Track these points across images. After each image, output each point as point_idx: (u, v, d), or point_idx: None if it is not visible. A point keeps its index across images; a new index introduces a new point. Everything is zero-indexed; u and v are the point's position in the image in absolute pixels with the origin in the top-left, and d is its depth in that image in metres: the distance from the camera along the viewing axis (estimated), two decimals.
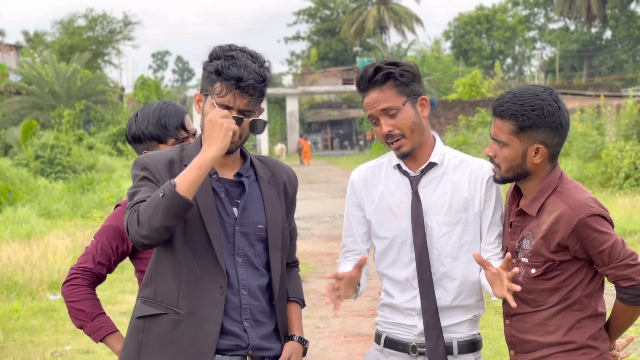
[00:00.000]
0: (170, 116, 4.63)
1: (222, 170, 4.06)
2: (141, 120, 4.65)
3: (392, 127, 4.22)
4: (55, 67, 49.94)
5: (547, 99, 4.10)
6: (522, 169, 4.15)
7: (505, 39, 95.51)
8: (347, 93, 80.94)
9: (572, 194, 4.13)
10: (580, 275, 4.17)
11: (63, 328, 11.38)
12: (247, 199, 4.06)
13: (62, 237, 17.50)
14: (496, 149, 4.17)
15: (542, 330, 4.19)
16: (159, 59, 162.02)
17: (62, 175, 32.58)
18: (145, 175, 3.92)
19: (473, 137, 37.45)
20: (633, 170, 24.84)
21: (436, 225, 4.30)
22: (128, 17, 68.64)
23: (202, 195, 3.92)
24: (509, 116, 4.09)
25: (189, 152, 4.02)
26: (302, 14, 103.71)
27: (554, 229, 4.09)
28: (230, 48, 4.02)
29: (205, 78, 3.97)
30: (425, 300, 4.29)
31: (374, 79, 4.22)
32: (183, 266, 3.93)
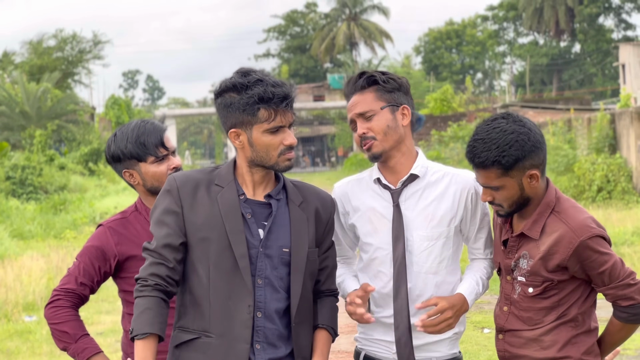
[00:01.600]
0: (149, 134, 4.60)
1: (253, 191, 4.05)
2: (120, 140, 4.62)
3: (367, 129, 4.25)
4: (25, 87, 49.65)
5: (515, 130, 4.05)
6: (523, 199, 4.12)
7: (475, 53, 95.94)
8: (318, 110, 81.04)
9: (572, 215, 4.11)
10: (577, 293, 4.16)
11: (39, 350, 11.28)
12: (274, 222, 4.03)
13: (36, 258, 17.39)
14: (492, 194, 4.13)
15: (537, 345, 4.17)
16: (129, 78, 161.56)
17: (34, 195, 32.35)
18: (165, 207, 3.98)
19: (446, 152, 37.56)
20: (605, 183, 24.99)
21: (417, 239, 4.29)
22: (98, 37, 68.42)
23: (230, 216, 3.94)
24: (491, 164, 4.03)
25: (221, 172, 4.06)
26: (272, 31, 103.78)
27: (553, 250, 4.07)
28: (247, 72, 3.99)
29: (241, 112, 3.92)
30: (398, 317, 4.28)
31: (357, 83, 4.28)
32: (211, 288, 3.93)
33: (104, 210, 28.46)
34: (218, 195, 3.97)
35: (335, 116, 79.99)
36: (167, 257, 3.90)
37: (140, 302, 3.86)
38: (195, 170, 4.10)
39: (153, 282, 3.87)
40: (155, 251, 3.91)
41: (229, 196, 3.97)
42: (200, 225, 3.93)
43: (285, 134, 3.96)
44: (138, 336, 3.80)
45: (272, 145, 3.94)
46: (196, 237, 3.93)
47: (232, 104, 3.92)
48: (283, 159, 3.98)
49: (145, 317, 3.83)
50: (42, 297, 14.30)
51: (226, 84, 3.97)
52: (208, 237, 3.92)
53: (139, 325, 3.82)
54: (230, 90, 3.94)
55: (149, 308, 3.85)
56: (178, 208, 3.94)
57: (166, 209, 3.96)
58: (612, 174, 25.13)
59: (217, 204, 3.95)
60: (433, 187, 4.32)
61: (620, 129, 26.50)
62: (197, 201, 3.96)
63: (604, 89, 76.78)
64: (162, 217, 3.95)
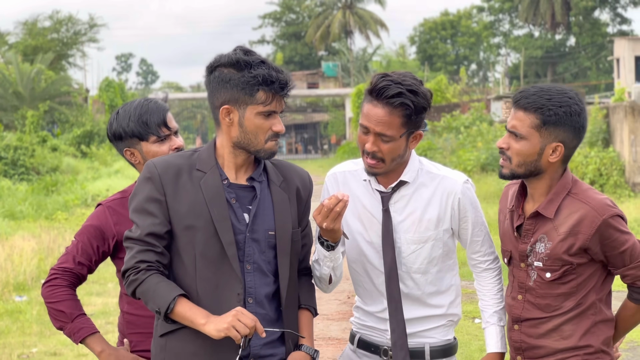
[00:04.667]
0: (152, 113, 4.55)
1: (235, 175, 3.99)
2: (122, 118, 4.58)
3: (378, 150, 4.12)
4: (19, 67, 49.52)
5: (574, 99, 4.03)
6: (535, 166, 4.06)
7: (470, 44, 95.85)
8: (312, 97, 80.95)
9: (591, 195, 4.07)
10: (594, 278, 4.11)
11: (30, 330, 11.29)
12: (259, 205, 3.98)
13: (28, 239, 17.38)
14: (510, 142, 4.06)
15: (557, 335, 4.12)
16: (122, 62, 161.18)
17: (26, 176, 32.31)
18: (147, 195, 3.88)
19: (438, 142, 37.54)
20: (598, 177, 25.02)
21: (405, 243, 4.27)
22: (94, 19, 68.26)
23: (215, 202, 3.88)
24: (535, 109, 3.98)
25: (201, 156, 3.98)
26: (267, 17, 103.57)
27: (575, 230, 4.02)
28: (249, 51, 3.94)
29: (239, 89, 3.86)
30: (394, 320, 4.27)
31: (390, 96, 4.05)
32: (197, 277, 3.86)
33: (96, 193, 28.41)
34: (201, 181, 3.89)
35: (329, 104, 79.98)
36: (154, 243, 3.83)
37: (145, 286, 3.78)
38: (174, 155, 4.02)
39: (145, 266, 3.80)
40: (140, 239, 3.83)
41: (212, 182, 3.90)
42: (185, 213, 3.86)
43: (276, 120, 3.92)
44: (170, 306, 3.72)
45: (263, 128, 3.88)
46: (181, 226, 3.86)
47: (231, 79, 3.86)
48: (270, 144, 3.92)
49: (162, 290, 3.76)
50: (33, 277, 14.30)
51: (227, 59, 3.89)
52: (193, 225, 3.85)
53: (162, 300, 3.74)
54: (230, 65, 3.88)
55: (157, 283, 3.78)
56: (161, 196, 3.86)
57: (148, 197, 3.87)
58: (604, 167, 25.15)
59: (200, 190, 3.88)
60: (422, 191, 4.28)
61: (614, 123, 26.53)
62: (180, 188, 3.88)
63: (598, 82, 76.81)
64: (145, 205, 3.87)
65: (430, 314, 4.32)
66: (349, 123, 69.16)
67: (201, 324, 3.72)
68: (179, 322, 3.81)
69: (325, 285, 4.28)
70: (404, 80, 4.06)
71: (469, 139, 35.59)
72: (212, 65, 3.95)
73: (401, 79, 4.07)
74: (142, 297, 3.81)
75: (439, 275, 4.31)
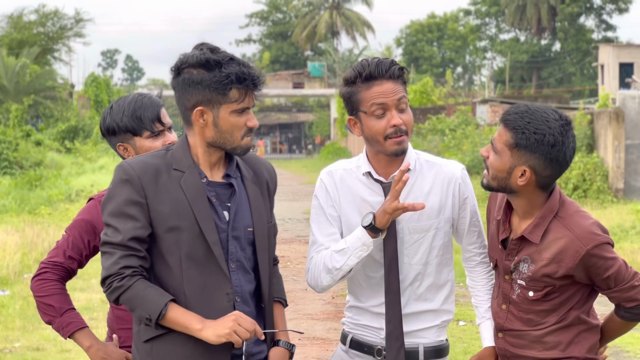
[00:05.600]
0: (146, 108, 4.53)
1: (211, 172, 3.95)
2: (116, 112, 4.55)
3: (402, 123, 4.16)
4: (3, 61, 49.35)
5: (555, 129, 3.95)
6: (505, 184, 4.05)
7: (456, 47, 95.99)
8: (297, 97, 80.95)
9: (576, 221, 4.04)
10: (578, 296, 4.12)
11: (12, 325, 11.25)
12: (238, 202, 3.97)
13: (11, 233, 17.32)
14: (490, 153, 4.09)
15: (540, 346, 4.13)
16: (108, 57, 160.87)
17: (9, 170, 32.21)
18: (126, 198, 3.77)
19: (423, 145, 37.57)
20: (581, 182, 25.11)
21: (407, 232, 4.26)
22: (80, 14, 68.10)
23: (197, 201, 3.82)
24: (512, 128, 3.98)
25: (176, 155, 3.91)
26: (254, 16, 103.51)
27: (558, 258, 4.01)
28: (215, 49, 3.89)
29: (212, 90, 3.80)
30: (391, 310, 4.26)
31: (392, 68, 4.17)
32: (184, 279, 3.81)
33: (80, 188, 28.30)
34: (181, 181, 3.82)
35: (314, 104, 79.98)
36: (137, 247, 3.74)
37: (131, 292, 3.70)
38: (148, 155, 3.92)
39: (130, 272, 3.71)
40: (122, 244, 3.72)
41: (193, 181, 3.84)
42: (168, 214, 3.78)
43: (249, 116, 3.89)
44: (162, 312, 3.69)
45: (237, 125, 3.85)
46: (164, 227, 3.78)
47: (203, 80, 3.79)
48: (246, 140, 3.89)
49: (151, 296, 3.70)
50: (16, 271, 14.25)
51: (196, 59, 3.82)
52: (178, 226, 3.78)
53: (152, 306, 3.69)
54: (199, 66, 3.81)
55: (144, 289, 3.72)
56: (142, 198, 3.77)
57: (128, 199, 3.77)
58: (588, 173, 25.24)
59: (181, 190, 3.81)
60: (422, 180, 4.30)
61: (598, 129, 26.63)
62: (160, 189, 3.80)
63: (582, 88, 77.06)
64: (124, 208, 3.76)
65: (426, 308, 4.31)
66: (333, 123, 69.15)
67: (197, 329, 3.70)
68: (160, 327, 3.76)
69: (333, 279, 4.24)
70: (387, 59, 4.23)
71: (454, 142, 35.64)
72: (178, 66, 3.86)
73: (383, 58, 4.24)
74: (127, 303, 3.74)
75: (438, 268, 4.32)
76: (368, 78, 4.18)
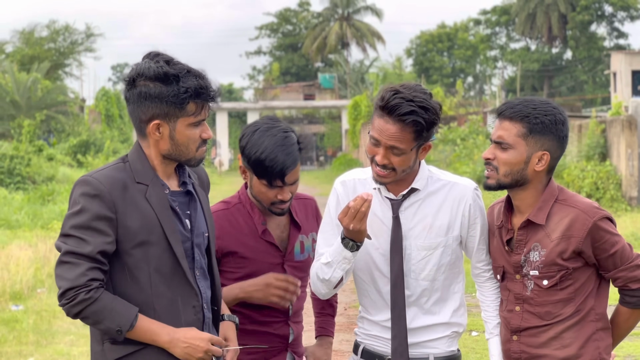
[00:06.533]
0: (276, 164, 4.44)
1: (169, 181, 3.94)
2: (254, 148, 4.43)
3: (389, 162, 4.13)
4: (15, 77, 49.49)
5: (558, 108, 4.09)
6: (521, 176, 4.10)
7: (466, 57, 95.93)
8: (308, 109, 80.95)
9: (578, 199, 4.14)
10: (591, 283, 4.15)
11: (26, 339, 11.26)
12: (196, 209, 3.99)
13: (24, 248, 17.34)
14: (496, 152, 4.12)
15: (558, 344, 4.14)
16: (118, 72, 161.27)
17: (22, 185, 32.24)
18: (95, 213, 3.71)
19: (435, 154, 37.56)
20: (594, 190, 25.03)
21: (415, 249, 4.27)
22: (90, 29, 68.34)
23: (163, 214, 3.81)
24: (521, 118, 4.04)
25: (135, 167, 3.86)
26: (264, 28, 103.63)
27: (567, 234, 4.06)
28: (170, 60, 3.83)
29: (168, 104, 3.76)
30: (396, 327, 4.27)
31: (402, 116, 4.05)
32: (153, 294, 3.79)
33: None
34: (146, 194, 3.80)
35: (325, 115, 79.95)
36: (102, 261, 3.70)
37: (99, 305, 3.65)
38: (110, 169, 3.86)
39: (97, 284, 3.67)
40: (90, 257, 3.66)
41: (157, 193, 3.82)
42: (137, 230, 3.76)
43: (204, 127, 3.88)
44: (133, 322, 3.67)
45: (193, 138, 3.84)
46: (133, 243, 3.76)
47: (160, 94, 3.75)
48: (200, 152, 3.88)
49: (120, 308, 3.68)
50: (29, 286, 14.26)
51: (153, 72, 3.77)
52: (147, 241, 3.77)
53: (122, 317, 3.67)
54: (156, 79, 3.77)
55: (112, 300, 3.69)
56: (112, 214, 3.73)
57: (98, 214, 3.71)
58: (601, 181, 25.18)
59: (148, 203, 3.79)
60: (432, 198, 4.30)
61: (611, 137, 26.55)
62: (128, 204, 3.76)
63: (594, 96, 76.90)
64: (94, 223, 3.70)
65: (434, 322, 4.33)
66: (345, 135, 69.17)
67: (165, 341, 3.71)
68: (132, 343, 3.74)
69: (329, 289, 4.29)
70: (415, 97, 4.06)
71: (465, 152, 35.62)
72: (132, 78, 3.81)
73: (412, 95, 4.06)
74: (93, 316, 3.69)
75: (445, 283, 4.33)
76: (382, 108, 4.12)
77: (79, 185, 3.76)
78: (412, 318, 4.29)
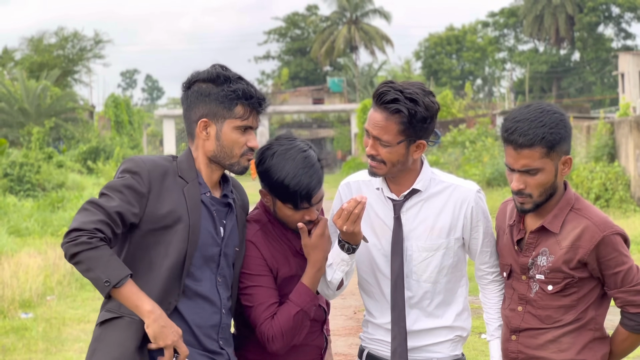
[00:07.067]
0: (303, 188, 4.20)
1: (212, 189, 4.07)
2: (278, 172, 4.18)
3: (377, 153, 4.17)
4: (25, 84, 49.59)
5: (558, 111, 4.06)
6: (553, 188, 4.10)
7: (475, 59, 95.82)
8: (317, 113, 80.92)
9: (593, 211, 4.12)
10: (594, 294, 4.15)
11: (35, 347, 11.27)
12: (233, 221, 4.10)
13: (34, 255, 17.35)
14: (526, 180, 4.07)
15: (555, 347, 4.15)
16: (127, 78, 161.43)
17: (32, 193, 32.27)
18: (130, 184, 3.85)
19: (444, 157, 37.55)
20: (603, 192, 24.98)
21: (416, 250, 4.28)
22: (99, 35, 68.47)
23: (194, 209, 3.92)
24: (539, 141, 3.98)
25: (181, 165, 4.01)
26: (272, 33, 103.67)
27: (576, 244, 4.06)
28: (226, 67, 4.00)
29: (218, 103, 3.93)
30: (396, 327, 4.29)
31: (386, 102, 4.10)
32: (155, 275, 3.91)
33: None
34: (184, 189, 3.94)
35: (334, 119, 79.93)
36: (117, 222, 3.79)
37: (97, 253, 3.71)
38: (156, 157, 4.01)
39: (101, 236, 3.75)
40: (108, 212, 3.77)
41: (194, 193, 3.95)
42: (165, 214, 3.88)
43: (252, 136, 4.00)
44: (122, 281, 3.72)
45: (239, 143, 3.97)
46: (157, 225, 3.88)
47: (211, 93, 3.93)
48: (244, 159, 4.01)
49: (115, 263, 3.74)
50: (39, 294, 14.28)
51: (206, 74, 3.97)
52: (170, 226, 3.88)
53: (115, 272, 3.72)
54: (209, 80, 3.95)
55: (111, 254, 3.75)
56: (146, 191, 3.86)
57: (132, 186, 3.85)
58: (610, 182, 25.12)
59: (183, 196, 3.92)
60: (434, 199, 4.31)
61: (620, 138, 26.51)
62: (164, 188, 3.90)
63: (603, 97, 76.79)
64: (125, 190, 3.84)
65: (437, 325, 4.34)
66: (354, 139, 69.13)
67: (147, 310, 3.75)
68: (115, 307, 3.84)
69: (332, 290, 4.33)
70: (406, 89, 4.11)
71: (475, 154, 35.60)
72: (189, 80, 4.00)
73: (404, 87, 4.12)
74: (87, 262, 3.73)
75: (447, 286, 4.34)
76: (373, 97, 4.19)
77: (124, 162, 3.94)
78: (415, 320, 4.31)
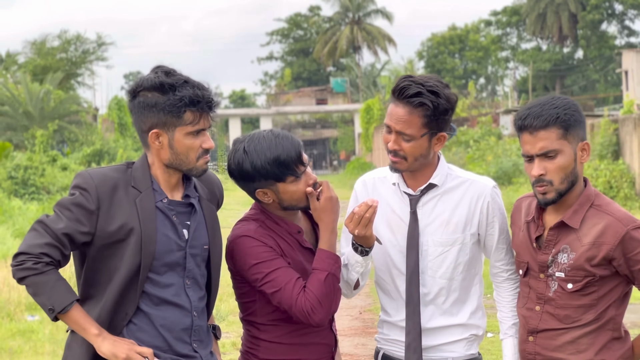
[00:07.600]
0: (289, 152, 4.10)
1: (171, 192, 4.04)
2: (255, 158, 4.11)
3: (400, 148, 4.16)
4: (28, 87, 49.66)
5: (567, 98, 4.06)
6: (574, 175, 4.03)
7: (478, 58, 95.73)
8: (320, 113, 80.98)
9: (614, 207, 4.07)
10: (616, 293, 4.09)
11: (42, 349, 11.28)
12: (197, 221, 4.07)
13: None
14: (545, 165, 4.02)
15: (573, 348, 4.09)
16: (131, 80, 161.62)
17: (36, 196, 32.31)
18: (79, 202, 3.85)
19: (448, 156, 37.55)
20: (608, 189, 24.97)
21: (432, 245, 4.27)
22: (102, 38, 68.57)
23: (147, 220, 3.90)
24: (554, 121, 3.95)
25: (135, 174, 3.98)
26: (275, 34, 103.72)
27: (599, 241, 4.00)
28: (169, 72, 3.94)
29: (166, 113, 3.87)
30: (410, 322, 4.28)
31: (410, 96, 4.09)
32: (108, 289, 3.91)
33: None
34: (137, 199, 3.91)
35: (337, 120, 79.97)
36: (64, 243, 3.81)
37: (42, 278, 3.75)
38: (109, 169, 4.00)
39: (48, 260, 3.77)
40: (56, 234, 3.79)
41: (147, 203, 3.93)
42: (116, 229, 3.86)
43: (205, 137, 3.97)
44: (66, 307, 3.76)
45: (193, 148, 3.93)
46: (109, 240, 3.87)
47: (157, 103, 3.87)
48: (201, 162, 3.98)
49: (61, 289, 3.77)
50: None
51: (150, 83, 3.90)
52: (122, 240, 3.87)
53: (59, 299, 3.76)
54: (153, 89, 3.89)
55: (57, 280, 3.78)
56: (95, 208, 3.85)
57: (80, 203, 3.84)
58: (614, 180, 25.12)
59: (135, 208, 3.89)
60: (450, 194, 4.30)
61: (624, 135, 26.50)
62: (114, 203, 3.88)
63: (607, 95, 76.69)
64: (74, 209, 3.84)
65: (452, 323, 4.32)
66: (358, 139, 69.17)
67: (94, 334, 3.79)
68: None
69: (349, 290, 4.33)
70: (426, 82, 4.11)
71: (479, 153, 35.60)
72: (134, 89, 3.95)
73: (424, 80, 4.12)
74: (33, 287, 3.79)
75: (463, 284, 4.32)
76: (393, 92, 4.18)
77: (75, 177, 3.93)
78: (429, 318, 4.30)
